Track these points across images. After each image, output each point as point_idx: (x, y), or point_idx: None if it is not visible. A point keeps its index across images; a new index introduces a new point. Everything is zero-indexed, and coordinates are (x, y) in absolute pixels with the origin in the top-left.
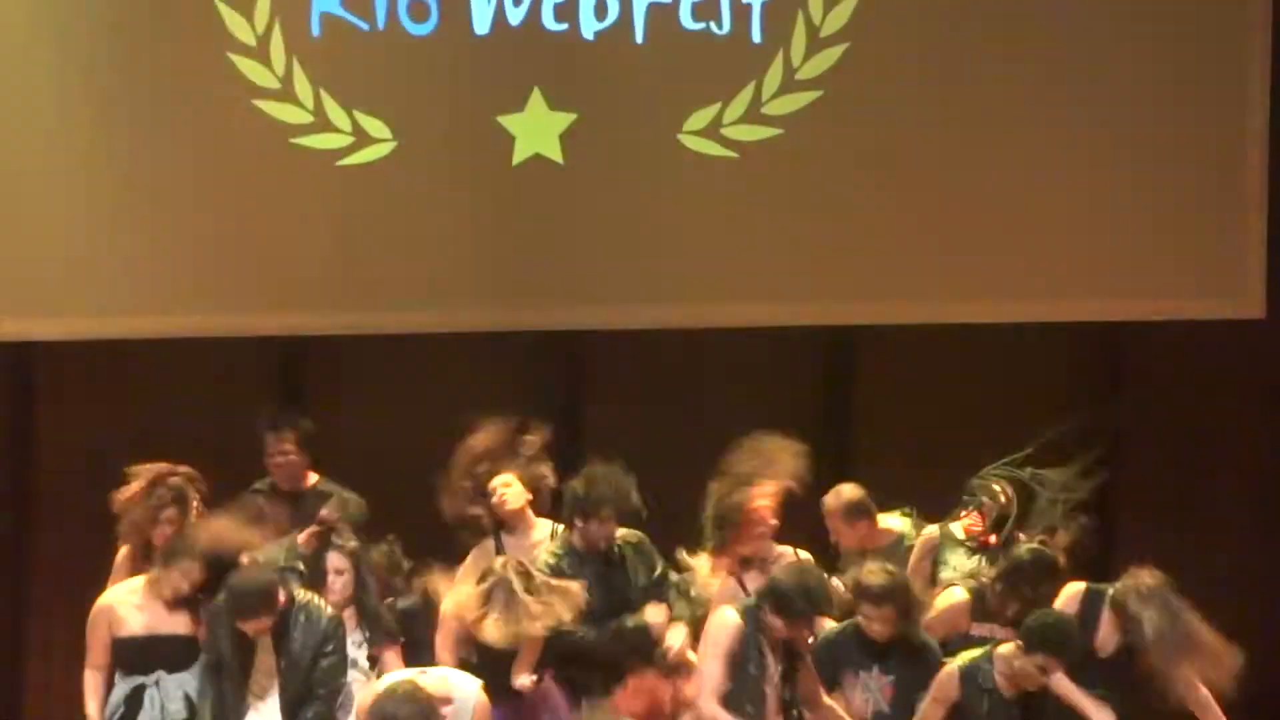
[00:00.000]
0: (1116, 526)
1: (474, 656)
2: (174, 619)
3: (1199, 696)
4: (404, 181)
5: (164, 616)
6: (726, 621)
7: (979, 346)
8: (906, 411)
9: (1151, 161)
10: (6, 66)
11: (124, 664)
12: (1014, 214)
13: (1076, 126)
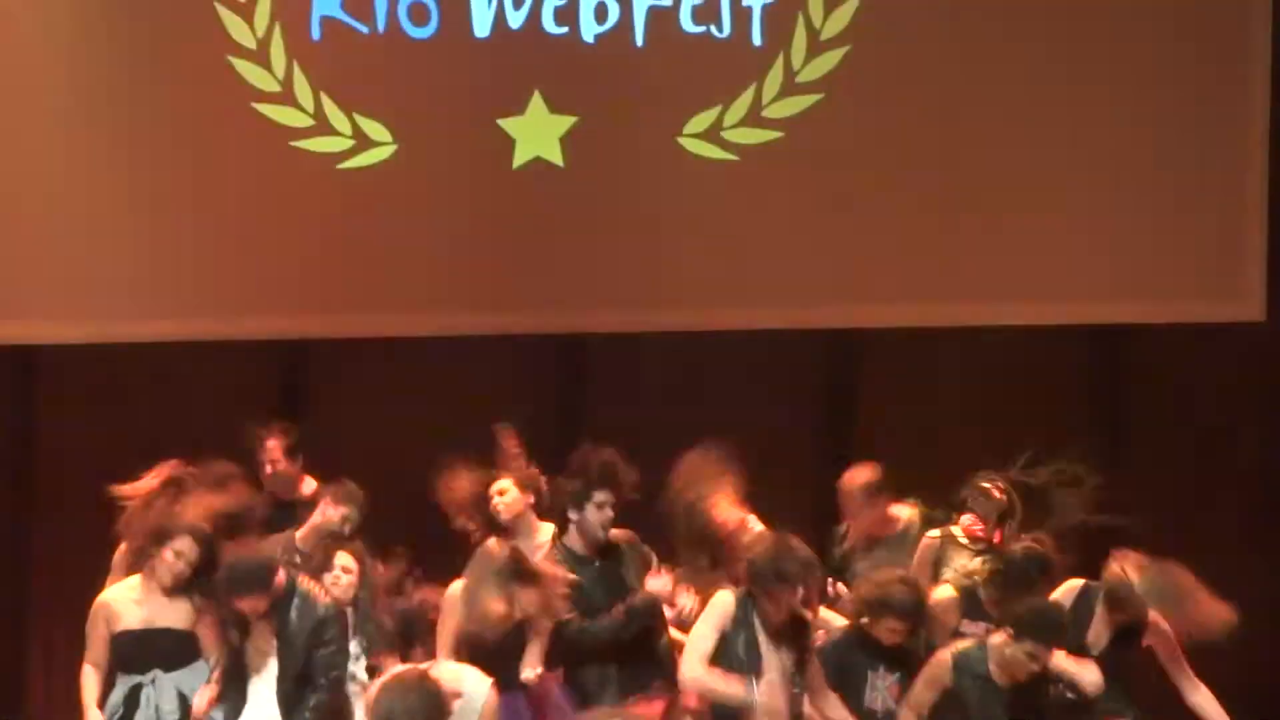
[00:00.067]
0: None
1: (476, 650)
2: (171, 613)
3: (1200, 696)
4: (404, 185)
5: (161, 611)
6: (721, 599)
7: (980, 349)
8: (908, 413)
9: (1152, 165)
10: (7, 70)
11: (122, 660)
12: (1014, 217)
13: (1077, 130)
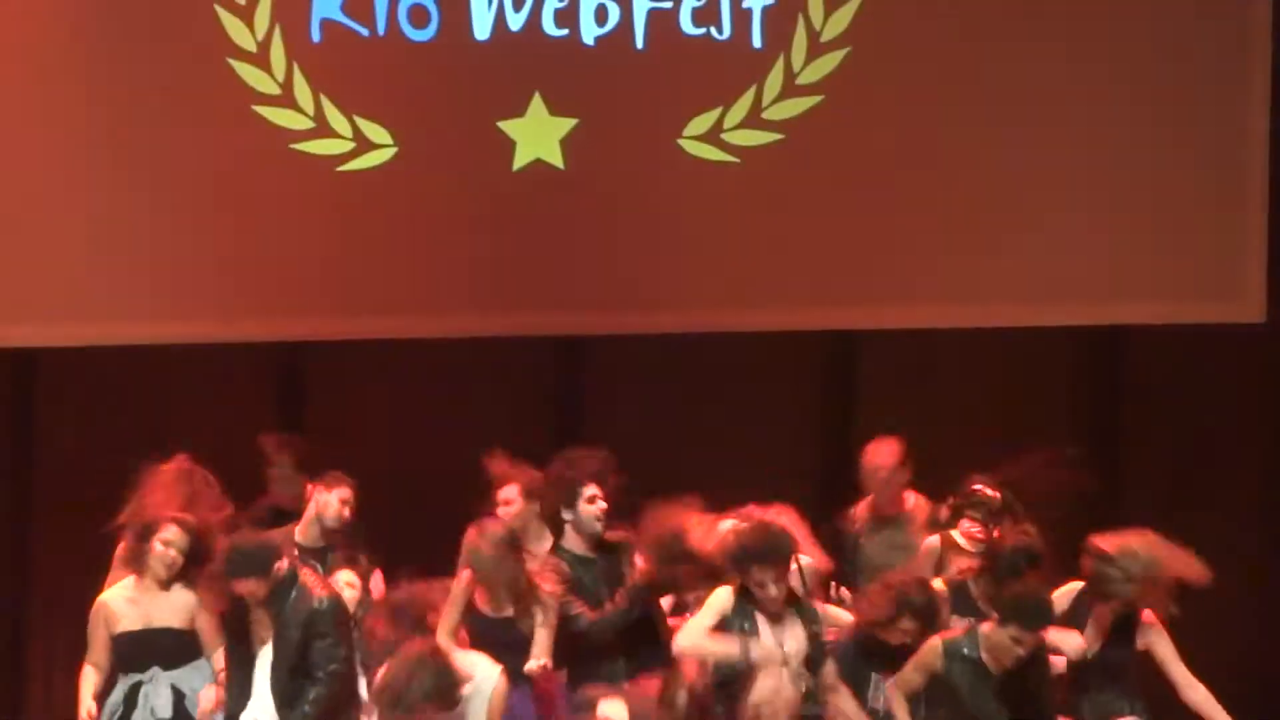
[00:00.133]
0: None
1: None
2: (169, 612)
3: (1197, 694)
4: (405, 187)
5: (159, 610)
6: (720, 593)
7: (980, 349)
8: (908, 414)
9: (1152, 166)
10: (7, 71)
11: (122, 660)
12: (1015, 218)
13: (1077, 130)
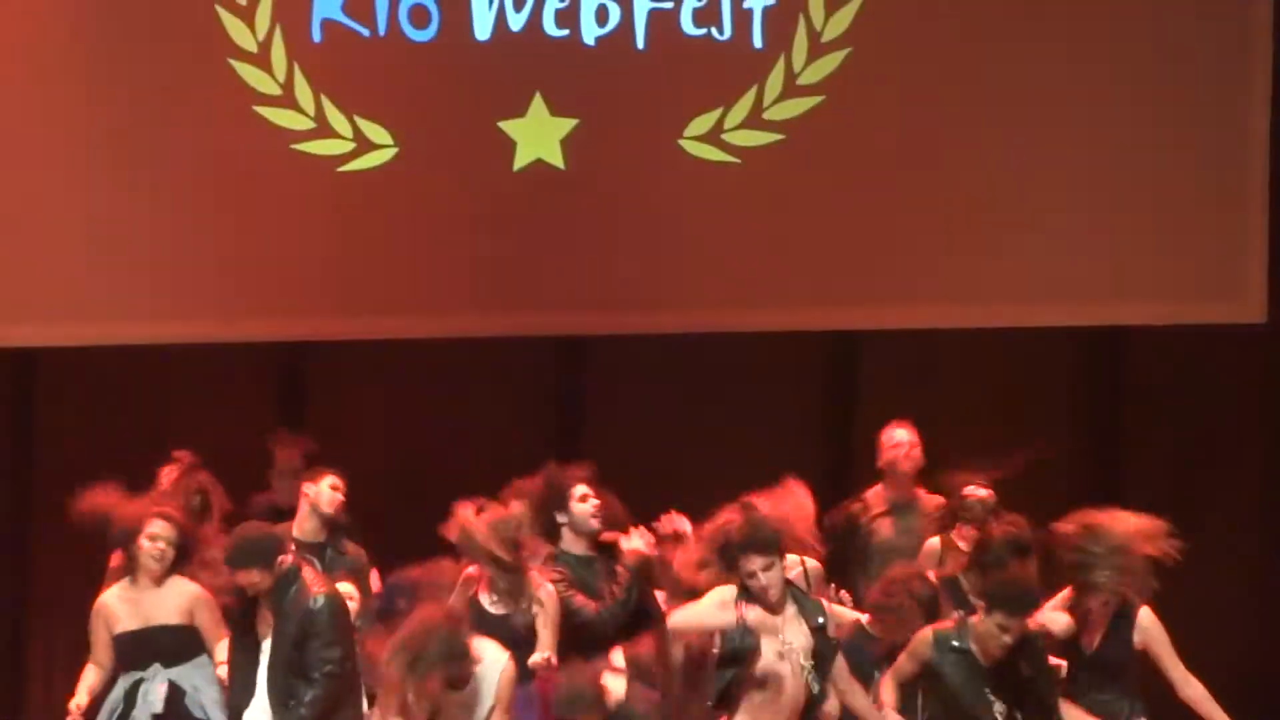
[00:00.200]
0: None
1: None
2: (168, 609)
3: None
4: (405, 187)
5: (158, 609)
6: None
7: (980, 349)
8: (909, 414)
9: (1153, 166)
10: (7, 72)
11: (124, 659)
12: (1015, 218)
13: (1078, 130)
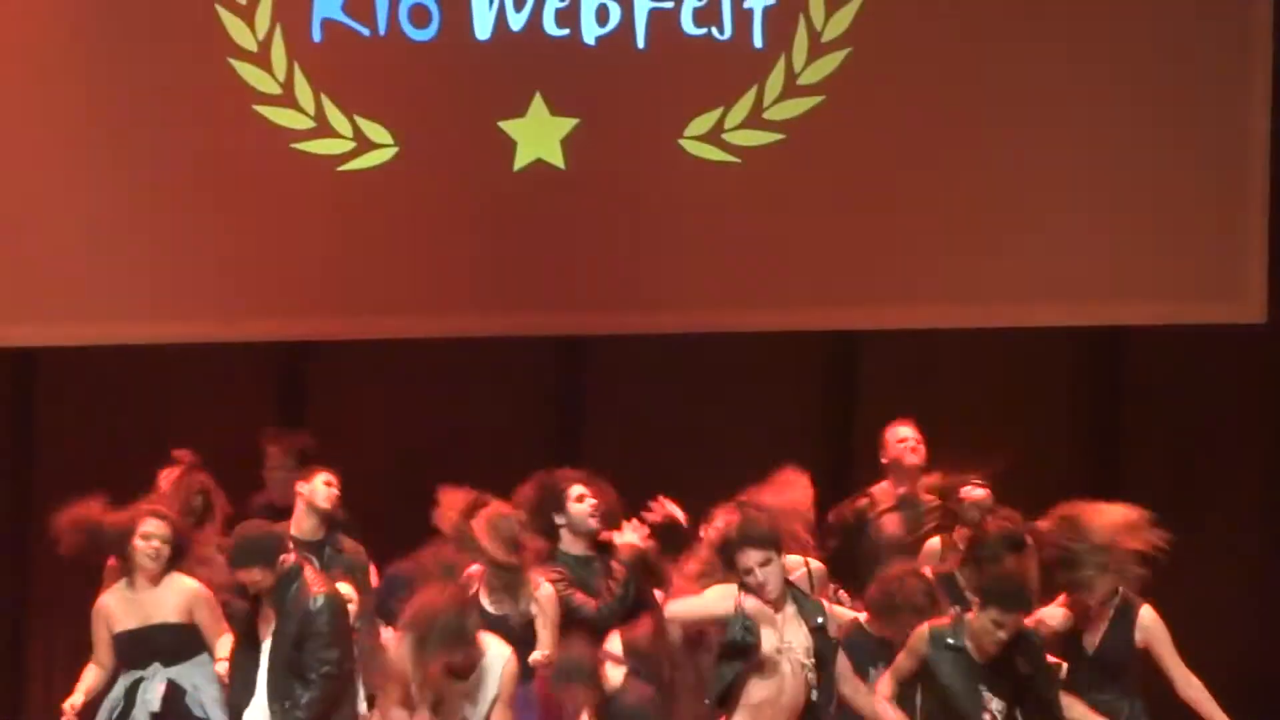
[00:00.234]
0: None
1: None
2: (166, 608)
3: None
4: (405, 187)
5: (157, 608)
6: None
7: (980, 349)
8: (909, 414)
9: (1153, 166)
10: (7, 72)
11: (124, 659)
12: (1015, 218)
13: (1078, 130)
